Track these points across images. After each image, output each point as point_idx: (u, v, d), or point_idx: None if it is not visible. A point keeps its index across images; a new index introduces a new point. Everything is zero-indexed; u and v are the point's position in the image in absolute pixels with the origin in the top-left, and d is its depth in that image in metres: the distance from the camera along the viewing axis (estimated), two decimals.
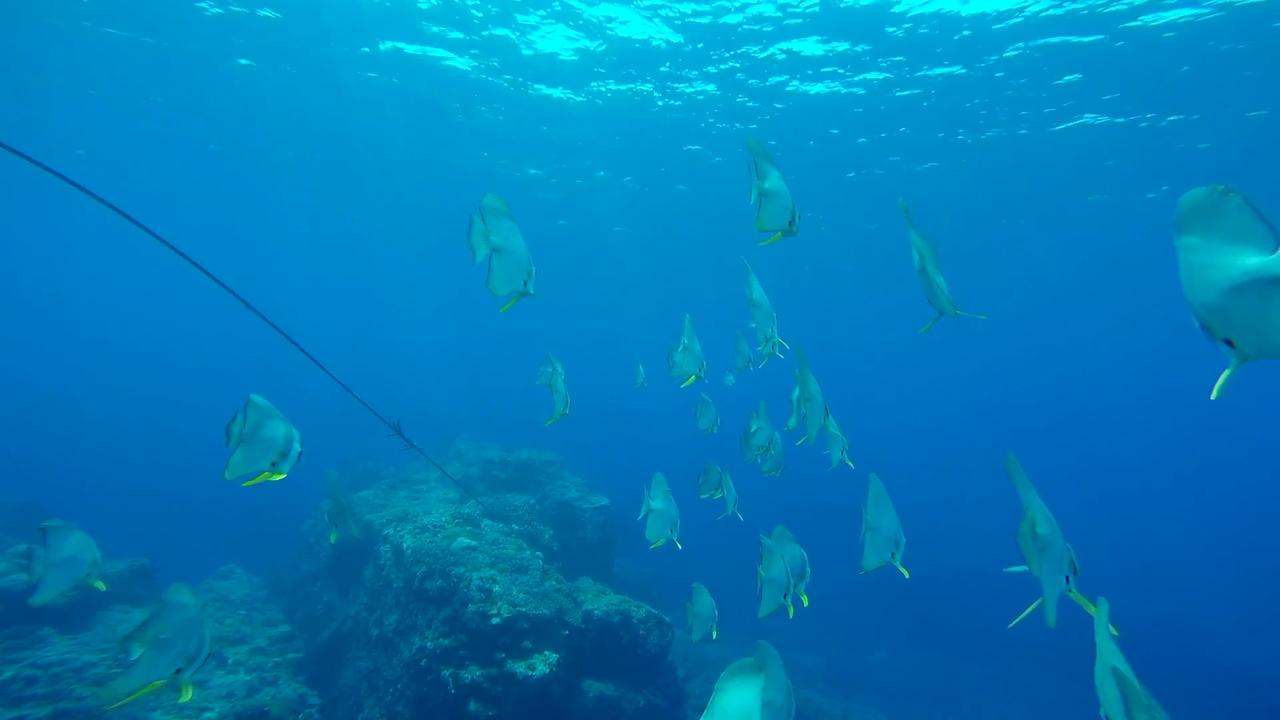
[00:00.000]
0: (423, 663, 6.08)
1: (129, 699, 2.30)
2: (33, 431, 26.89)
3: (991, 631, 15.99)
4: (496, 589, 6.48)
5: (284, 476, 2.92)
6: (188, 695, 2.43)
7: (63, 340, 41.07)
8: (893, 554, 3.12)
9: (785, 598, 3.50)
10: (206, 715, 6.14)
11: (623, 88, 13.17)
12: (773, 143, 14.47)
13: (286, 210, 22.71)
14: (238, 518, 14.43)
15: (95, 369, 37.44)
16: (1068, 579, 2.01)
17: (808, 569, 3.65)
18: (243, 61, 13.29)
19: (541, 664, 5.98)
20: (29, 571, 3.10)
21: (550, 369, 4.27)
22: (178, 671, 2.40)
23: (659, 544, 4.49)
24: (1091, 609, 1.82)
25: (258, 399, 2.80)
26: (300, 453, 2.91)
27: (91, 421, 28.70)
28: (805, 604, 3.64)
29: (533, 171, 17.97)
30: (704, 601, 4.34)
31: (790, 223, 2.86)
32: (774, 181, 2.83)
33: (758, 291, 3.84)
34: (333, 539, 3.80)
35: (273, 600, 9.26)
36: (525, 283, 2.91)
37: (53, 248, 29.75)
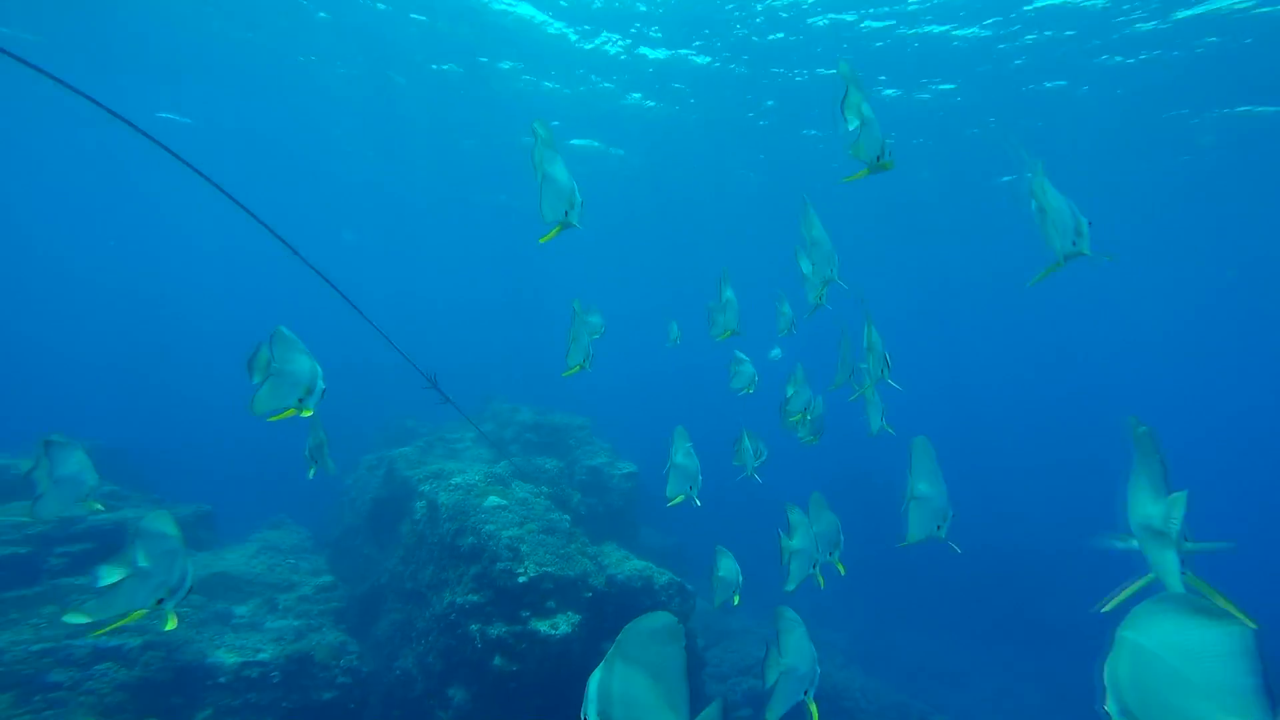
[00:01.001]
0: (452, 617, 6.34)
1: (110, 627, 2.25)
2: (117, 382, 29.00)
3: (1017, 615, 15.68)
4: (524, 548, 6.65)
5: (311, 414, 2.85)
6: (171, 624, 2.33)
7: (153, 303, 43.79)
8: (939, 526, 2.90)
9: (814, 568, 3.41)
10: (261, 655, 6.61)
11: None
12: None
13: (329, 168, 23.03)
14: (290, 469, 15.22)
15: (178, 330, 39.90)
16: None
17: (841, 538, 3.51)
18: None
19: (564, 623, 6.15)
20: (32, 485, 3.01)
21: (576, 315, 4.02)
22: (159, 602, 2.29)
23: (677, 500, 4.32)
24: (1217, 597, 1.68)
25: (285, 330, 2.73)
26: (324, 389, 2.83)
27: (167, 376, 30.71)
28: (841, 573, 3.54)
29: (579, 143, 17.65)
30: (727, 566, 4.27)
31: (879, 157, 2.72)
32: (868, 110, 2.71)
33: (816, 228, 3.52)
34: (310, 475, 3.60)
35: (318, 550, 9.80)
36: (567, 213, 2.87)
37: (136, 214, 31.25)
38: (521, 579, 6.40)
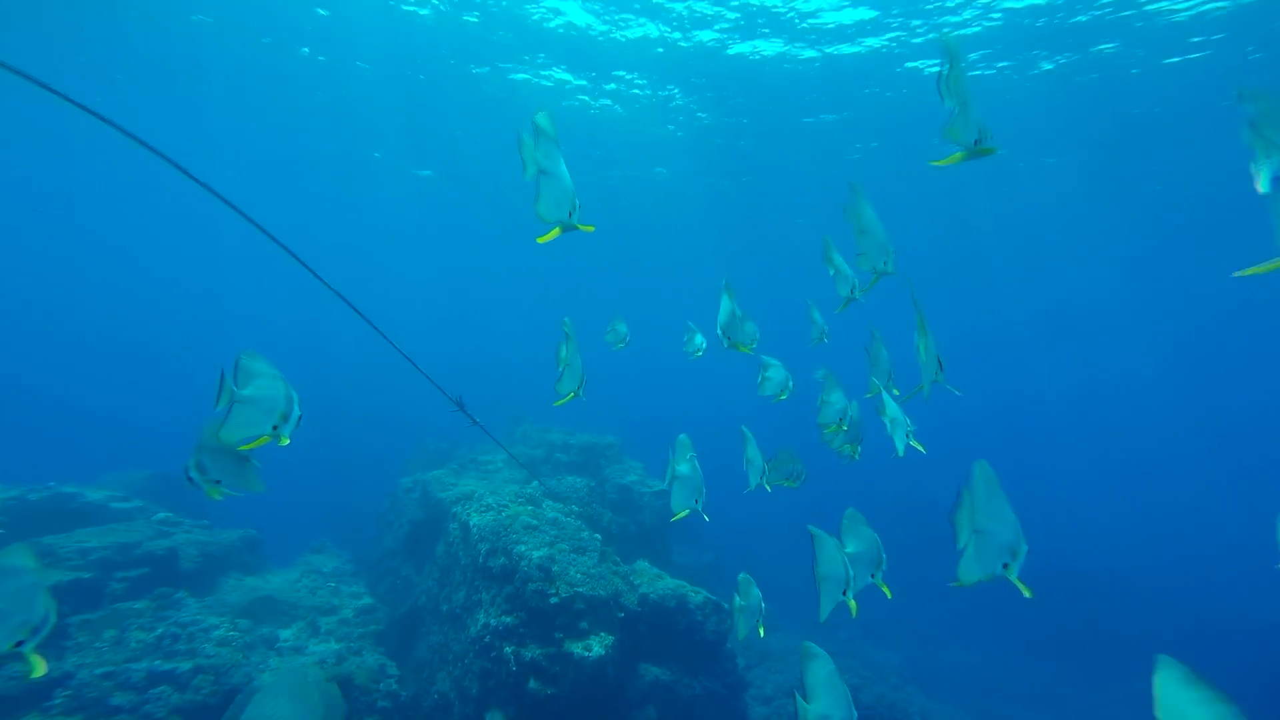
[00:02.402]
0: (486, 639, 6.29)
1: None
2: (175, 409, 30.34)
3: (1110, 633, 14.58)
4: (555, 568, 6.58)
5: (288, 443, 2.70)
6: (40, 670, 2.08)
7: (193, 322, 45.94)
8: (1005, 565, 2.46)
9: (845, 594, 3.17)
10: None
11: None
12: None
13: (362, 186, 23.40)
14: (330, 494, 15.63)
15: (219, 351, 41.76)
16: None
17: (883, 555, 3.20)
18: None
19: (598, 645, 6.03)
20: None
21: (568, 337, 3.70)
22: (19, 644, 2.06)
23: (682, 515, 4.01)
24: None
25: (249, 357, 2.60)
26: (300, 416, 2.69)
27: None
28: (888, 596, 3.25)
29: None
30: (751, 595, 4.10)
31: (977, 141, 2.57)
32: (964, 90, 2.58)
33: (868, 217, 3.24)
34: (215, 495, 3.02)
35: (358, 574, 9.95)
36: (570, 214, 2.74)
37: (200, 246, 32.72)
38: (554, 600, 6.31)
